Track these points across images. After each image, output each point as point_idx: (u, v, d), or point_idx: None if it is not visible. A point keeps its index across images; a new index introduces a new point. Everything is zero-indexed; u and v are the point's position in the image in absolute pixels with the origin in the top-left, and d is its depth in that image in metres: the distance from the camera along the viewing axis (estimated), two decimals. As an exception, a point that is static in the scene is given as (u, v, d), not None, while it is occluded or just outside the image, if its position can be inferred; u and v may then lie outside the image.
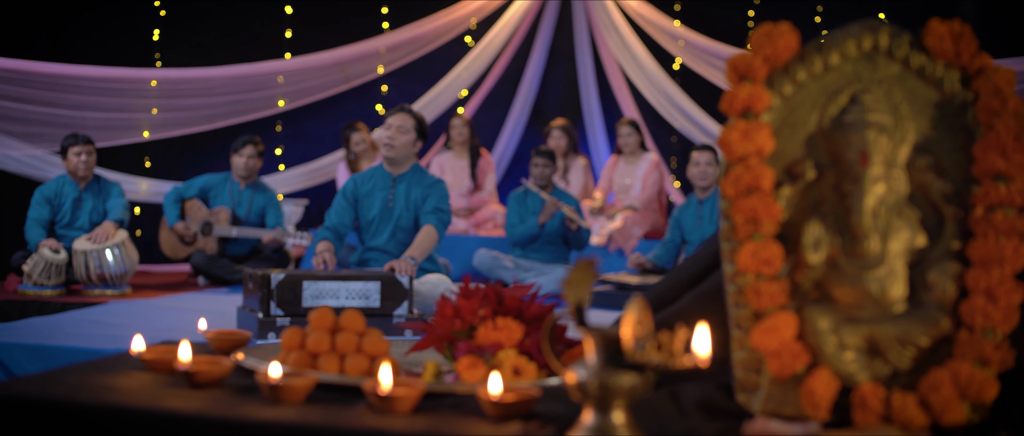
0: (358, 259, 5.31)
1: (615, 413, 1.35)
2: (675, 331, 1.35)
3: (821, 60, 1.55)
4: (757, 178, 1.48)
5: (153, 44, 8.25)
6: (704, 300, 1.70)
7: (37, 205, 6.26)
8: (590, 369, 1.36)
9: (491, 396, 1.44)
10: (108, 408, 1.51)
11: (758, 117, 1.51)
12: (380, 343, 1.74)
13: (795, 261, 1.51)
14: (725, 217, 1.52)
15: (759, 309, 1.47)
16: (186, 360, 1.62)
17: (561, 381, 1.63)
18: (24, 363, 4.18)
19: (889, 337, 1.46)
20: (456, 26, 8.79)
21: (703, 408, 1.54)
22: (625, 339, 1.32)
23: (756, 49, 1.54)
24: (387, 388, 1.47)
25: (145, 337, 4.33)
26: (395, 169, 5.20)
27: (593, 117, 8.99)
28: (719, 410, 1.53)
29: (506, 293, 1.78)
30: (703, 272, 1.75)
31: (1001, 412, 1.45)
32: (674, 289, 1.78)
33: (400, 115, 5.15)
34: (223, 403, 1.53)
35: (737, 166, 1.50)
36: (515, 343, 1.68)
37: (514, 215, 6.81)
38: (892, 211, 1.50)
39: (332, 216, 5.19)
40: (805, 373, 1.45)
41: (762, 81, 1.53)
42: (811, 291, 1.50)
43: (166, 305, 5.61)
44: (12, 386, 1.59)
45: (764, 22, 1.57)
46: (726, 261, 1.51)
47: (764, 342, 1.44)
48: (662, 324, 1.67)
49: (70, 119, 7.11)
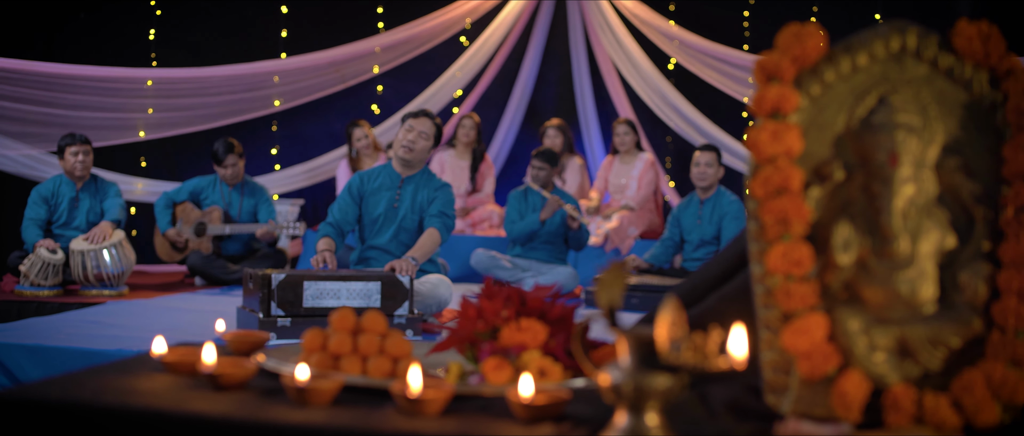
0: (358, 257, 5.30)
1: (648, 415, 1.35)
2: (708, 332, 1.34)
3: (849, 61, 1.55)
4: (786, 179, 1.48)
5: (149, 44, 8.22)
6: (730, 301, 1.70)
7: (34, 205, 6.24)
8: (624, 371, 1.36)
9: (522, 398, 1.43)
10: (133, 411, 1.50)
11: (787, 118, 1.51)
12: (403, 344, 1.73)
13: (824, 262, 1.50)
14: (754, 218, 1.51)
15: (789, 310, 1.46)
16: (210, 362, 1.61)
17: (586, 382, 1.62)
18: (24, 364, 4.16)
19: (920, 338, 1.46)
20: (451, 26, 8.79)
21: (732, 409, 1.53)
22: (660, 340, 1.32)
23: (784, 50, 1.53)
24: (417, 390, 1.46)
25: (147, 338, 4.31)
26: (405, 170, 5.20)
27: (588, 117, 8.99)
28: (748, 411, 1.53)
29: (529, 294, 1.77)
30: (728, 273, 1.74)
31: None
32: (698, 290, 1.77)
33: (424, 120, 5.14)
34: (249, 406, 1.52)
35: (766, 167, 1.49)
36: (539, 344, 1.68)
37: (514, 212, 6.81)
38: (922, 212, 1.50)
39: (335, 212, 5.17)
40: (836, 374, 1.45)
41: (790, 82, 1.53)
42: (840, 292, 1.50)
43: (164, 305, 5.59)
44: (34, 389, 1.58)
45: (792, 22, 1.57)
46: (755, 262, 1.51)
47: (795, 343, 1.44)
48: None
49: (66, 119, 7.08)
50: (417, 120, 5.13)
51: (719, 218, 6.50)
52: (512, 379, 1.62)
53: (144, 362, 1.83)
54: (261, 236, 6.62)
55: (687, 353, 1.31)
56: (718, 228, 6.50)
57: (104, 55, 7.72)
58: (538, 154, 6.83)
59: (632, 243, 7.59)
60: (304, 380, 1.51)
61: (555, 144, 8.04)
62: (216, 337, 2.07)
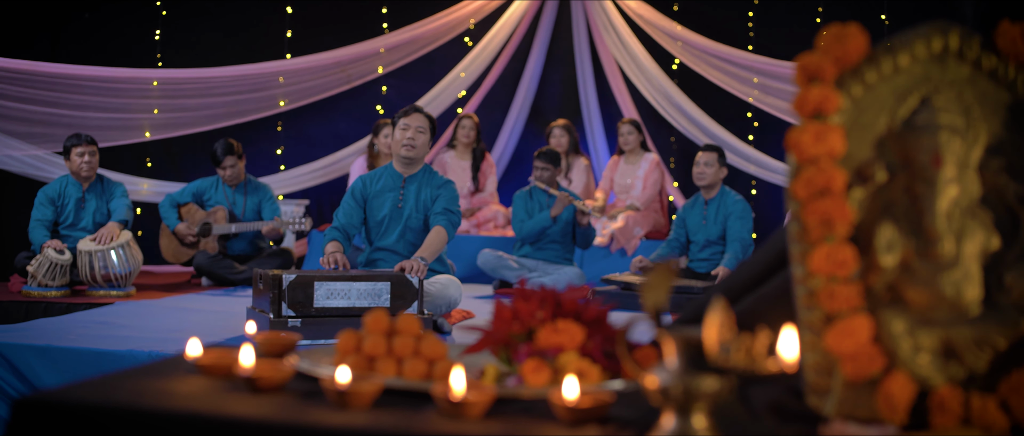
0: (366, 259, 5.29)
1: (696, 417, 1.34)
2: (756, 334, 1.34)
3: (890, 62, 1.54)
4: (830, 180, 1.47)
5: (153, 44, 8.22)
6: (766, 303, 1.69)
7: (41, 205, 6.23)
8: (672, 373, 1.35)
9: (567, 400, 1.43)
10: (172, 414, 1.49)
11: (829, 119, 1.50)
12: (438, 346, 1.73)
13: (867, 264, 1.50)
14: (795, 219, 1.50)
15: (832, 312, 1.46)
16: (248, 365, 1.60)
17: (625, 384, 1.62)
18: (34, 364, 4.16)
19: (966, 340, 1.46)
20: (455, 27, 8.79)
21: (774, 411, 1.53)
22: (709, 343, 1.31)
23: (825, 50, 1.53)
24: (460, 393, 1.45)
25: (158, 339, 4.31)
26: (407, 169, 5.20)
27: (592, 117, 8.98)
28: (790, 413, 1.52)
29: (563, 296, 1.76)
30: (763, 274, 1.74)
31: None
32: (734, 292, 1.77)
33: (416, 116, 5.15)
34: (289, 408, 1.51)
35: (809, 168, 1.49)
36: (577, 346, 1.67)
37: (521, 212, 6.81)
38: (965, 213, 1.49)
39: (340, 216, 5.17)
40: (881, 376, 1.45)
41: (832, 82, 1.52)
42: (883, 294, 1.49)
43: (172, 306, 5.59)
44: (71, 392, 1.57)
45: (832, 23, 1.56)
46: (796, 264, 1.50)
47: (840, 345, 1.44)
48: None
49: (72, 119, 7.08)
50: (409, 117, 5.13)
51: (724, 218, 6.52)
52: (551, 381, 1.61)
53: (177, 364, 1.82)
54: (267, 233, 6.61)
55: (737, 355, 1.30)
56: (723, 228, 6.49)
57: (108, 55, 7.71)
58: (540, 154, 6.85)
59: (638, 243, 7.59)
60: (345, 383, 1.50)
61: (561, 144, 8.05)
62: (246, 338, 2.06)
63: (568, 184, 8.02)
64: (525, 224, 6.73)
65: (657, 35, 8.69)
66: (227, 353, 1.75)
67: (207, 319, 5.11)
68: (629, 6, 8.82)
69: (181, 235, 6.75)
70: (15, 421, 1.52)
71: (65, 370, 4.12)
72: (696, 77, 8.62)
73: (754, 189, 8.60)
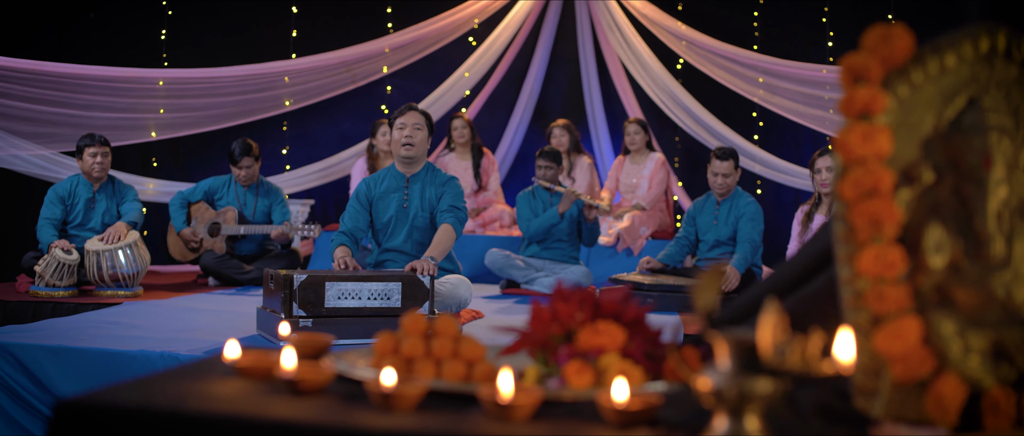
0: (375, 261, 5.29)
1: (749, 419, 1.34)
2: (809, 336, 1.33)
3: (937, 62, 1.53)
4: (878, 181, 1.46)
5: (158, 43, 8.21)
6: (807, 304, 1.68)
7: (50, 204, 6.22)
8: (725, 374, 1.34)
9: (617, 403, 1.42)
10: (217, 417, 1.48)
11: (876, 119, 1.50)
12: (476, 348, 1.72)
13: (915, 265, 1.49)
14: (841, 220, 1.50)
15: (881, 313, 1.45)
16: (290, 367, 1.59)
17: (669, 386, 1.61)
18: (45, 365, 4.15)
19: (1017, 340, 1.45)
20: (460, 27, 8.78)
21: (821, 413, 1.52)
22: (763, 344, 1.30)
23: (871, 50, 1.52)
24: (508, 395, 1.44)
25: (169, 339, 4.29)
26: (409, 169, 5.20)
27: (596, 117, 8.98)
28: (837, 415, 1.52)
29: (602, 296, 1.75)
30: (804, 276, 1.73)
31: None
32: (775, 292, 1.76)
33: (412, 114, 5.15)
34: (332, 411, 1.50)
35: (857, 168, 1.48)
36: (618, 347, 1.66)
37: (527, 211, 6.81)
38: (1015, 214, 1.49)
39: (347, 220, 5.16)
40: (930, 378, 1.44)
41: (878, 83, 1.51)
42: (932, 295, 1.49)
43: (180, 306, 5.58)
44: (112, 394, 1.56)
45: (877, 23, 1.55)
46: (842, 265, 1.50)
47: (889, 346, 1.43)
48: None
49: (78, 119, 7.08)
50: (404, 116, 5.14)
51: (736, 219, 6.52)
52: (595, 383, 1.61)
53: (213, 366, 1.81)
54: (276, 238, 6.61)
55: (792, 357, 1.30)
56: (734, 229, 6.53)
57: (113, 54, 7.70)
58: (542, 153, 6.87)
59: (644, 243, 7.59)
60: (391, 385, 1.49)
61: (561, 143, 8.06)
62: (267, 339, 2.05)
63: (571, 183, 8.02)
64: (532, 222, 6.73)
65: (662, 34, 8.68)
66: (265, 355, 1.74)
67: (217, 319, 5.10)
68: (634, 6, 8.81)
69: (185, 239, 6.74)
70: (57, 423, 1.51)
71: (77, 371, 4.11)
72: (700, 77, 8.62)
73: (759, 189, 8.60)
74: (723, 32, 8.46)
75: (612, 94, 8.98)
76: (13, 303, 5.67)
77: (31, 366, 4.18)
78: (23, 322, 5.37)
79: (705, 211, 6.67)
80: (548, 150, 6.91)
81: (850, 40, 8.36)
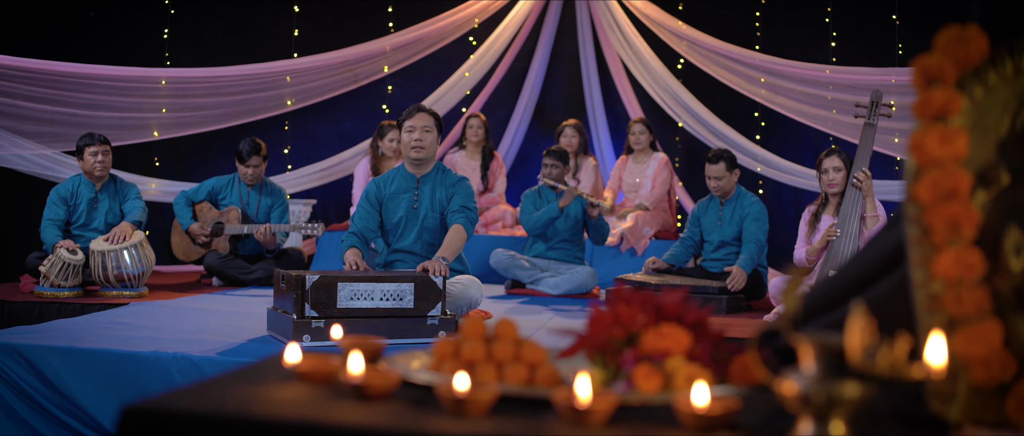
0: (384, 261, 5.26)
1: (834, 423, 1.32)
2: (896, 340, 1.32)
3: (1011, 63, 1.52)
4: (956, 183, 1.45)
5: (159, 42, 8.17)
6: (874, 306, 1.67)
7: (53, 205, 6.17)
8: (811, 378, 1.33)
9: (697, 407, 1.40)
10: (286, 423, 1.46)
11: (952, 121, 1.49)
12: (538, 352, 1.70)
13: (993, 267, 1.48)
14: (915, 223, 1.49)
15: (960, 316, 1.44)
16: (357, 372, 1.57)
17: (737, 390, 1.60)
18: (57, 366, 4.11)
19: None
20: (461, 27, 8.76)
21: (896, 416, 1.51)
22: (852, 348, 1.29)
23: (946, 51, 1.51)
24: (586, 400, 1.43)
25: (182, 339, 4.25)
26: (419, 170, 5.18)
27: (596, 117, 8.97)
28: (913, 418, 1.51)
29: (663, 299, 1.74)
30: (867, 279, 1.72)
31: None
32: (835, 295, 1.75)
33: (420, 115, 5.13)
34: (403, 417, 1.48)
35: (933, 171, 1.47)
36: (683, 350, 1.65)
37: (530, 207, 6.81)
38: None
39: (357, 221, 5.14)
40: (1012, 381, 1.43)
41: (953, 84, 1.50)
42: (1010, 298, 1.48)
43: (187, 306, 5.54)
44: (176, 400, 1.53)
45: (950, 24, 1.54)
46: (916, 268, 1.48)
47: (970, 349, 1.42)
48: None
49: (81, 118, 7.03)
50: (413, 118, 5.12)
51: (740, 219, 6.47)
52: (663, 386, 1.59)
53: (269, 370, 1.79)
54: (261, 240, 6.51)
55: (881, 361, 1.28)
56: (739, 229, 6.49)
57: (114, 53, 7.65)
58: (549, 152, 6.86)
59: (647, 243, 7.59)
60: (464, 390, 1.47)
61: (571, 144, 8.05)
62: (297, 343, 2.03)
63: (576, 184, 8.01)
64: (532, 216, 6.73)
65: (663, 34, 8.68)
66: (325, 359, 1.71)
67: (226, 320, 5.07)
68: (635, 5, 8.81)
69: (194, 235, 6.70)
70: (124, 428, 1.49)
71: (89, 372, 4.08)
72: (701, 76, 8.61)
73: (761, 188, 8.60)
74: (725, 32, 8.46)
75: (613, 94, 8.98)
76: (18, 304, 5.63)
77: (42, 367, 4.14)
78: (29, 322, 5.32)
79: (709, 212, 6.64)
80: (556, 149, 6.89)
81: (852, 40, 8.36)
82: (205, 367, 3.97)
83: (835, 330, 1.62)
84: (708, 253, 6.62)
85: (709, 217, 6.63)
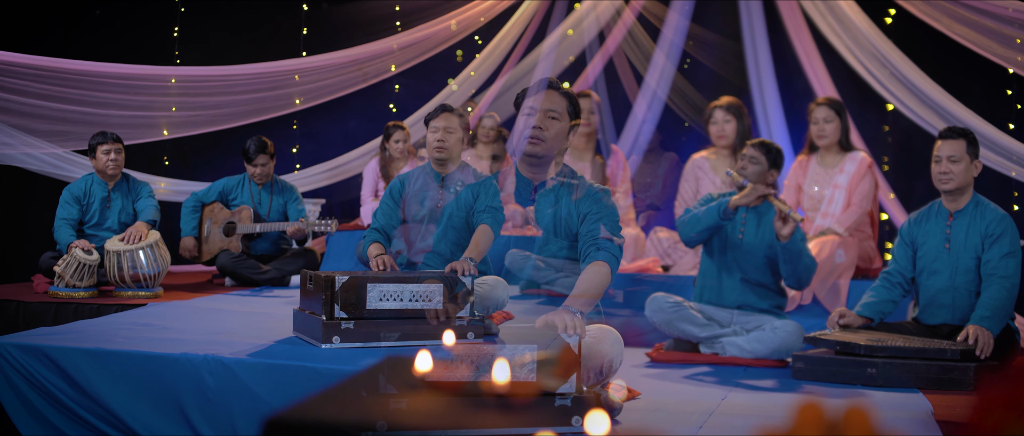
0: (406, 260, 5.24)
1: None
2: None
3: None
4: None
5: (169, 40, 8.11)
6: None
7: (66, 204, 6.12)
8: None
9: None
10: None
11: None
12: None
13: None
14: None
15: None
16: (503, 381, 1.54)
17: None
18: (84, 368, 4.07)
19: None
20: (468, 26, 8.74)
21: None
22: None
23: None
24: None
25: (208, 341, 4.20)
26: (443, 168, 5.17)
27: (765, 94, 7.60)
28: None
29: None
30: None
31: None
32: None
33: (445, 116, 5.13)
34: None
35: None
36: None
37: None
38: None
39: (380, 217, 5.13)
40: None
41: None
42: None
43: (207, 307, 5.49)
44: (315, 409, 1.50)
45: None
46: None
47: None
48: None
49: (93, 117, 6.98)
50: (438, 118, 5.14)
51: (979, 241, 4.50)
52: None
53: (390, 376, 1.75)
54: (292, 234, 6.54)
55: None
56: (976, 258, 4.49)
57: (121, 50, 7.59)
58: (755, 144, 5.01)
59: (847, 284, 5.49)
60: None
61: (724, 133, 6.32)
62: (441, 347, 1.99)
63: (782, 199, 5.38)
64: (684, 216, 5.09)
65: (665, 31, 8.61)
66: (450, 367, 1.68)
67: (247, 321, 5.02)
68: (636, 5, 8.78)
69: (183, 251, 6.66)
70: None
71: (118, 374, 4.03)
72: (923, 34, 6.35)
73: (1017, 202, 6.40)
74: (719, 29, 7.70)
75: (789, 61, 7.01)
76: (33, 304, 5.55)
77: (69, 369, 4.09)
78: (45, 323, 5.26)
79: (929, 229, 4.65)
80: (767, 142, 5.01)
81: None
82: (237, 369, 3.92)
83: None
84: (927, 297, 4.63)
85: (932, 239, 4.65)
